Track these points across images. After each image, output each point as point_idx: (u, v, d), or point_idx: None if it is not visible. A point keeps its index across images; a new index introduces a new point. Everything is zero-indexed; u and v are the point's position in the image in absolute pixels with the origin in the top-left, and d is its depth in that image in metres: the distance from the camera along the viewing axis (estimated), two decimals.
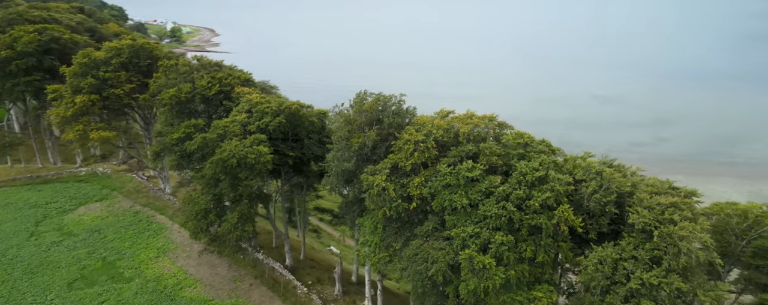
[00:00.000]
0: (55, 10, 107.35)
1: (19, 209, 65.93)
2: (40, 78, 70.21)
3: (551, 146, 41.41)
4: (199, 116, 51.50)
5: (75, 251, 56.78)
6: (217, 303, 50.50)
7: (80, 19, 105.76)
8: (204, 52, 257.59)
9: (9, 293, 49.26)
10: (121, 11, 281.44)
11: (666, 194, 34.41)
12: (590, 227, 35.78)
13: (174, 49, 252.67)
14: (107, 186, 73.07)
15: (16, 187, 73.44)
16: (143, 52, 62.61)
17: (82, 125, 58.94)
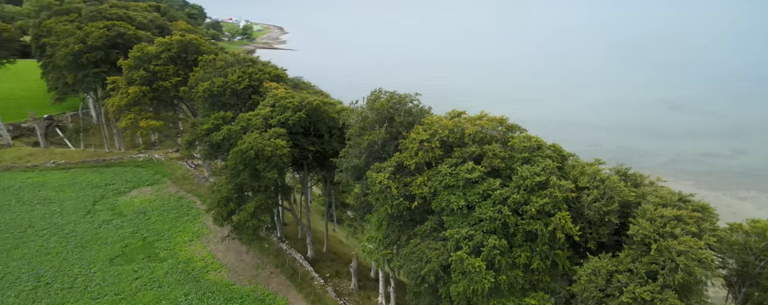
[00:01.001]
0: (133, 8, 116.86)
1: (83, 189, 72.91)
2: (106, 70, 77.24)
3: (562, 151, 39.73)
4: (229, 108, 54.41)
5: (121, 230, 62.01)
6: (237, 287, 53.16)
7: (153, 17, 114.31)
8: (271, 49, 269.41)
9: (61, 263, 54.78)
10: (201, 10, 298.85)
11: (673, 207, 31.92)
12: (590, 236, 34.02)
13: (244, 45, 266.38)
14: (159, 172, 78.90)
15: (84, 168, 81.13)
16: (191, 47, 67.10)
17: (134, 114, 64.28)
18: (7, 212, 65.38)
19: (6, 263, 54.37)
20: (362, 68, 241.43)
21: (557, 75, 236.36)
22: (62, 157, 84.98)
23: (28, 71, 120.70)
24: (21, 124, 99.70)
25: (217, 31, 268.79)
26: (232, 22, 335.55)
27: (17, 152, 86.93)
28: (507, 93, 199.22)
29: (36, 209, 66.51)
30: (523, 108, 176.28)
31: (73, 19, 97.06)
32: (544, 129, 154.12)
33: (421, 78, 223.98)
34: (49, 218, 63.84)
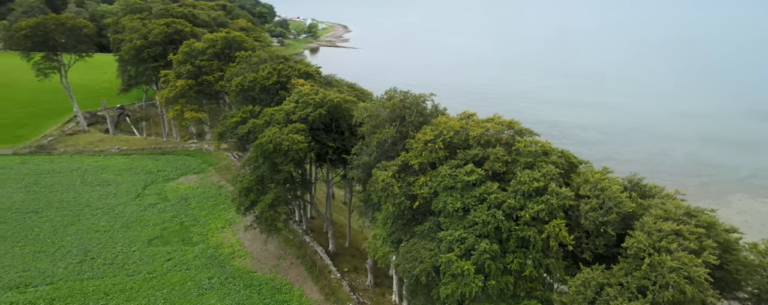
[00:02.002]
0: (200, 7, 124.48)
1: (137, 174, 79.10)
2: (163, 64, 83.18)
3: (571, 158, 37.91)
4: (258, 103, 56.82)
5: (163, 213, 66.69)
6: (258, 275, 55.54)
7: (216, 15, 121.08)
8: (334, 46, 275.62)
9: (106, 241, 59.96)
10: (271, 9, 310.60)
11: (675, 221, 29.51)
12: (585, 246, 32.30)
13: (308, 43, 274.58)
14: (206, 161, 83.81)
15: (142, 155, 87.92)
16: (234, 43, 70.72)
17: (180, 105, 68.84)
18: (72, 191, 72.38)
19: (62, 237, 60.32)
20: (421, 67, 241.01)
21: (617, 79, 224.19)
22: (126, 143, 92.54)
23: (108, 65, 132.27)
24: (96, 112, 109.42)
25: (284, 29, 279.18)
26: (299, 20, 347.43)
27: (90, 137, 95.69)
28: (567, 97, 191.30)
29: (95, 190, 73.10)
30: (586, 113, 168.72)
31: (144, 16, 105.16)
32: (606, 137, 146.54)
33: (478, 78, 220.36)
34: (104, 199, 69.96)
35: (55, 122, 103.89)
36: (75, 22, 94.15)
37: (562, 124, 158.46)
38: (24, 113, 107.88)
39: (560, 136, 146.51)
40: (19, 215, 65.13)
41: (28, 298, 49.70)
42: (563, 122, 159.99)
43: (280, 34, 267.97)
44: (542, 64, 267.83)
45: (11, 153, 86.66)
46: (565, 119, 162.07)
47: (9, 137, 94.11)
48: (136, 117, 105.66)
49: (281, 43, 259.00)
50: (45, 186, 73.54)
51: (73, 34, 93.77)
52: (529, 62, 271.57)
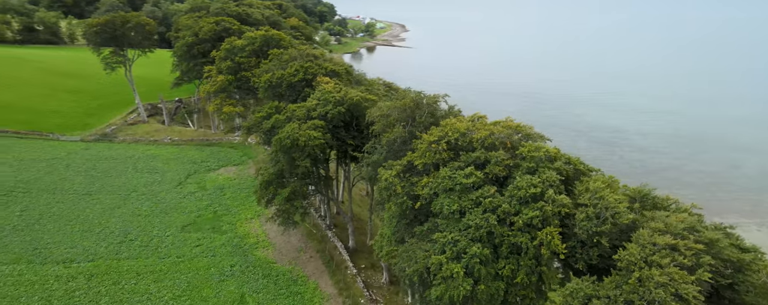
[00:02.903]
0: (256, 6, 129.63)
1: (183, 164, 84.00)
2: (210, 60, 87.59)
3: (578, 165, 36.16)
4: (284, 99, 58.62)
5: (199, 202, 70.46)
6: (277, 266, 57.42)
7: (269, 14, 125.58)
8: (389, 46, 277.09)
9: (145, 224, 64.29)
10: (332, 8, 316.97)
11: (674, 236, 27.51)
12: (579, 256, 30.77)
13: (365, 42, 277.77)
14: (247, 154, 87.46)
15: (190, 146, 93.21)
16: (272, 41, 73.25)
17: (220, 99, 72.37)
18: (123, 176, 78.14)
19: (108, 219, 65.37)
20: (476, 68, 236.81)
21: (678, 83, 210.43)
22: (178, 134, 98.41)
23: (169, 60, 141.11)
24: (157, 104, 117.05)
25: (342, 28, 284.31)
26: (358, 19, 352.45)
27: (147, 128, 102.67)
28: (625, 102, 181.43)
29: (144, 176, 78.47)
30: (649, 120, 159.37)
31: (202, 15, 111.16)
32: (669, 146, 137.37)
33: (535, 81, 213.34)
34: (149, 186, 74.96)
35: (120, 112, 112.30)
36: (139, 20, 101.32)
37: (623, 131, 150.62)
38: (95, 103, 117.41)
39: (621, 143, 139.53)
40: (76, 196, 71.21)
41: (71, 273, 54.39)
42: (624, 129, 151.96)
43: (338, 33, 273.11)
44: (607, 66, 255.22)
45: (79, 140, 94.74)
46: (626, 126, 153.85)
47: (79, 125, 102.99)
48: (190, 110, 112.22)
49: (338, 41, 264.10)
50: (101, 171, 79.88)
51: (138, 31, 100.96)
52: (594, 64, 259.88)
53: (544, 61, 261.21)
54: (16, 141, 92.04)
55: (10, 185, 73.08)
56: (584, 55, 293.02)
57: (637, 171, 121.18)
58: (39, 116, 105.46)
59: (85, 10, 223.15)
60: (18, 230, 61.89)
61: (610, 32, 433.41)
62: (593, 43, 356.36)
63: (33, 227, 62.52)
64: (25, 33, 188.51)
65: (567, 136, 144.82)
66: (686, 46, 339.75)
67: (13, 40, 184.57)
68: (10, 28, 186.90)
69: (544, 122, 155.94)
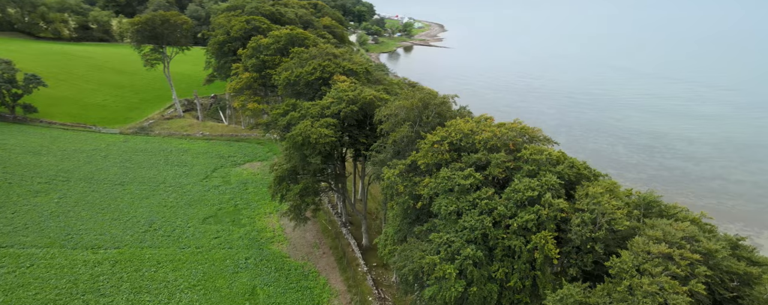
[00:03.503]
0: (291, 5, 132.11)
1: (211, 158, 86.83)
2: (239, 58, 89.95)
3: (581, 169, 34.94)
4: (302, 96, 59.56)
5: (222, 195, 72.65)
6: (290, 260, 58.49)
7: (302, 13, 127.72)
8: (426, 46, 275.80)
9: (169, 215, 66.90)
10: (371, 7, 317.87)
11: (671, 245, 26.21)
12: (573, 261, 29.80)
13: (402, 42, 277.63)
14: (272, 150, 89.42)
15: (220, 141, 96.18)
16: (297, 40, 74.53)
17: (245, 96, 74.36)
18: (154, 169, 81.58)
19: (136, 209, 68.43)
20: (513, 69, 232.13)
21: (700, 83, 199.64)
22: (209, 129, 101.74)
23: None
24: (193, 100, 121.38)
25: (380, 27, 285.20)
26: (396, 19, 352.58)
27: (182, 122, 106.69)
28: (677, 105, 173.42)
29: (173, 169, 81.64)
30: (696, 125, 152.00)
31: (238, 14, 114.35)
32: (717, 152, 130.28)
33: (577, 82, 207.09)
34: (177, 178, 77.92)
35: (159, 107, 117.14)
36: (177, 19, 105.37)
37: (666, 136, 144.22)
38: (137, 98, 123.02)
39: (663, 149, 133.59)
40: (109, 186, 74.94)
41: (97, 258, 57.35)
42: (667, 133, 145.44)
43: (376, 33, 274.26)
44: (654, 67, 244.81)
45: (118, 132, 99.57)
46: (670, 131, 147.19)
47: (121, 119, 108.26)
48: (222, 106, 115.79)
49: (375, 41, 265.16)
50: (135, 163, 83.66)
51: (175, 29, 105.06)
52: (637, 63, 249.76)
53: (586, 62, 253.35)
54: (63, 132, 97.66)
55: (52, 173, 77.67)
56: (628, 53, 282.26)
57: (677, 179, 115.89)
58: (86, 109, 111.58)
59: (136, 9, 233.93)
60: (55, 216, 65.70)
61: (653, 29, 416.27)
62: (636, 40, 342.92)
63: (68, 213, 66.23)
64: (81, 31, 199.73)
65: (606, 141, 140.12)
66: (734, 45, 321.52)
67: (69, 37, 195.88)
68: (67, 26, 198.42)
69: (582, 125, 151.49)
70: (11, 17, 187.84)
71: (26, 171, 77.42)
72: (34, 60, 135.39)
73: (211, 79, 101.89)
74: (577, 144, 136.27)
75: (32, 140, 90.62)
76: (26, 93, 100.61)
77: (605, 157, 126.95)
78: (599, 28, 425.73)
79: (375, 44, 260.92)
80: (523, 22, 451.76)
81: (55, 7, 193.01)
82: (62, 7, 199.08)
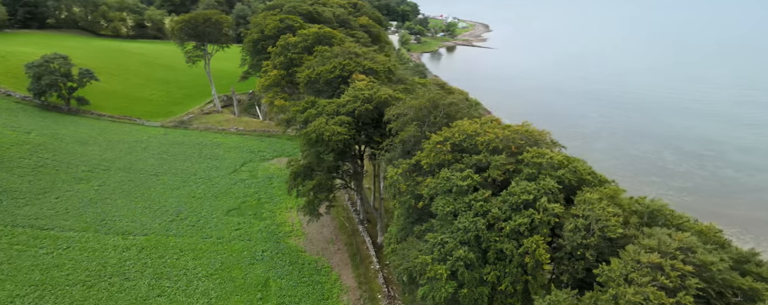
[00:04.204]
0: (330, 4, 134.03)
1: (242, 152, 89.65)
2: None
3: (585, 175, 33.65)
4: (322, 94, 60.42)
5: (247, 189, 74.90)
6: (305, 255, 59.62)
7: (340, 13, 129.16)
8: (469, 46, 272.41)
9: (196, 206, 69.70)
10: (415, 7, 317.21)
11: (664, 255, 24.87)
12: (564, 268, 28.80)
13: (445, 41, 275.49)
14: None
15: (253, 136, 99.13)
16: (324, 39, 75.62)
17: (273, 93, 76.28)
18: (187, 161, 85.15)
19: (167, 198, 71.71)
20: (558, 70, 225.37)
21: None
22: (244, 125, 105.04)
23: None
24: (231, 96, 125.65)
25: (423, 27, 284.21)
26: (441, 18, 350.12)
27: (219, 117, 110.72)
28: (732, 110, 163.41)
29: (205, 162, 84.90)
30: (757, 133, 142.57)
31: (276, 13, 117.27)
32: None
33: (627, 85, 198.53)
34: (208, 171, 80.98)
35: (199, 102, 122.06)
36: (218, 17, 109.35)
37: (718, 143, 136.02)
38: (180, 93, 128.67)
39: (714, 158, 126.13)
40: (145, 176, 78.87)
41: (126, 244, 60.59)
42: (721, 141, 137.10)
43: (419, 32, 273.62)
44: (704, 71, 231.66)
45: (159, 125, 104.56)
46: (723, 139, 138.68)
47: (164, 112, 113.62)
48: (258, 102, 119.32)
49: (418, 40, 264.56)
50: (171, 155, 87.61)
51: (216, 27, 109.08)
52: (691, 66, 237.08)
53: (636, 65, 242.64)
54: (110, 124, 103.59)
55: (95, 162, 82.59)
56: (680, 56, 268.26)
57: (728, 190, 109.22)
58: (133, 102, 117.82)
59: (190, 8, 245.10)
60: (93, 202, 69.88)
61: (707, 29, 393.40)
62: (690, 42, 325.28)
63: (105, 200, 70.28)
64: (137, 29, 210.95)
65: (651, 147, 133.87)
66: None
67: (126, 34, 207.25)
68: (125, 25, 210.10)
69: (627, 129, 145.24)
70: (76, 16, 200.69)
71: (73, 159, 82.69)
72: (92, 56, 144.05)
73: (247, 76, 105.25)
74: (619, 149, 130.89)
75: (82, 130, 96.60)
76: (80, 86, 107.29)
77: (649, 163, 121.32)
78: (636, 29, 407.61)
79: (417, 44, 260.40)
80: (568, 22, 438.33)
81: (115, 6, 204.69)
82: (121, 6, 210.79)
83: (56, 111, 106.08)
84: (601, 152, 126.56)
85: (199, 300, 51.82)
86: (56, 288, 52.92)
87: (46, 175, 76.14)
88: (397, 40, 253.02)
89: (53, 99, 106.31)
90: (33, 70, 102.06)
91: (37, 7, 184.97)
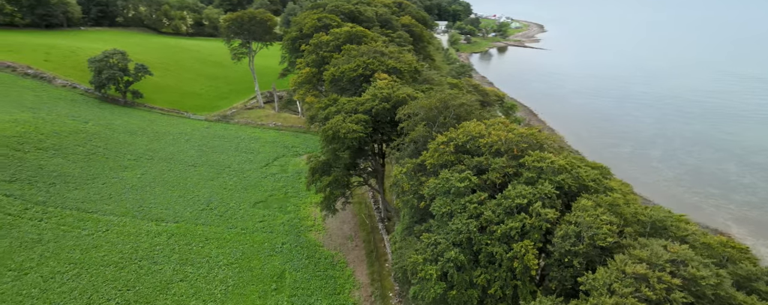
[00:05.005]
0: (374, 4, 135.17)
1: (276, 147, 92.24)
2: None
3: (587, 181, 32.14)
4: (345, 92, 61.08)
5: (276, 182, 76.98)
6: (322, 249, 60.59)
7: (382, 12, 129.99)
8: (521, 46, 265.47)
9: (226, 197, 72.49)
10: (467, 7, 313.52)
11: (651, 266, 23.42)
12: (553, 274, 27.69)
13: (495, 42, 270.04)
14: None
15: (289, 132, 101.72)
16: (355, 38, 76.32)
17: (304, 90, 77.94)
18: (223, 153, 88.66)
19: (200, 189, 75.07)
20: (621, 74, 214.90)
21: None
22: (282, 121, 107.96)
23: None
24: (272, 92, 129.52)
25: (474, 27, 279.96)
26: (494, 18, 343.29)
27: (260, 113, 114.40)
28: None
29: (241, 155, 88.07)
30: None
31: (317, 12, 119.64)
32: None
33: (687, 92, 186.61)
34: (241, 164, 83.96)
35: (244, 98, 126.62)
36: (263, 16, 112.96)
37: None
38: (227, 88, 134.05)
39: None
40: (184, 167, 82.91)
41: (158, 230, 64.02)
42: None
43: (469, 32, 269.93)
44: None
45: (204, 119, 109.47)
46: None
47: (210, 106, 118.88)
48: (289, 99, 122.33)
49: (468, 40, 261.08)
50: (210, 147, 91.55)
51: (260, 26, 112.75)
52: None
53: (701, 69, 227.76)
54: (160, 116, 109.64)
55: (141, 152, 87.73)
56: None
57: None
58: (183, 96, 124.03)
59: (246, 7, 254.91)
60: (134, 189, 74.30)
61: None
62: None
63: (145, 188, 74.54)
64: (196, 27, 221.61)
65: (711, 156, 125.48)
66: None
67: (186, 32, 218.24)
68: (185, 23, 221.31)
69: (685, 137, 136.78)
70: (142, 14, 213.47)
71: (121, 148, 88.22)
72: (151, 52, 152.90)
73: (285, 73, 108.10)
74: (674, 158, 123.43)
75: (133, 121, 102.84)
76: (135, 81, 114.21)
77: (708, 174, 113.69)
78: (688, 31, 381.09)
79: (467, 44, 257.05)
80: (627, 24, 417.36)
81: (176, 5, 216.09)
82: (182, 5, 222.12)
83: (113, 103, 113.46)
84: (656, 159, 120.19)
85: (218, 287, 53.98)
86: (92, 267, 56.74)
87: (96, 162, 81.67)
88: (446, 40, 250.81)
89: (111, 92, 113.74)
90: (94, 65, 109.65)
91: (108, 6, 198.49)
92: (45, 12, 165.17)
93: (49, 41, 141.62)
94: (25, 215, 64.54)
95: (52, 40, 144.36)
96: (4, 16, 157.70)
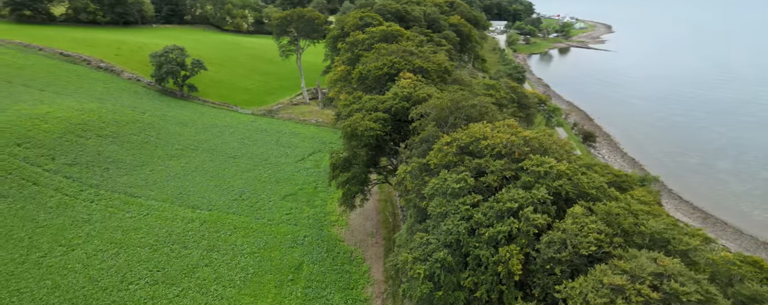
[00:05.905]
0: (423, 3, 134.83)
1: (313, 143, 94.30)
2: None
3: (587, 188, 30.53)
4: (371, 90, 61.37)
5: (308, 177, 78.75)
6: (342, 244, 61.36)
7: (430, 11, 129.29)
8: (584, 47, 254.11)
9: (259, 189, 75.07)
10: (529, 6, 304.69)
11: (632, 278, 21.89)
12: (537, 280, 26.53)
13: (556, 43, 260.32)
14: None
15: (329, 128, 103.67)
16: (390, 37, 76.37)
17: (339, 87, 79.10)
18: (264, 147, 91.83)
19: (236, 180, 78.24)
20: (692, 79, 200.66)
21: None
22: (324, 117, 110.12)
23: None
24: (316, 89, 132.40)
25: (534, 27, 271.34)
26: (557, 18, 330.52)
27: (303, 109, 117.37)
28: None
29: (279, 149, 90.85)
30: None
31: (365, 11, 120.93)
32: None
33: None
34: (278, 157, 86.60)
35: (291, 94, 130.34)
36: (311, 15, 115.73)
37: None
38: (276, 84, 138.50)
39: None
40: (225, 158, 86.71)
41: (192, 216, 67.45)
42: None
43: (529, 32, 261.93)
44: None
45: (250, 113, 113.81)
46: None
47: (257, 101, 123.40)
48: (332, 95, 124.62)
49: (527, 41, 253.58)
50: (252, 140, 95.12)
51: (308, 24, 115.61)
52: None
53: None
54: (210, 109, 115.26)
55: (188, 143, 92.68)
56: None
57: None
58: (234, 91, 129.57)
59: (305, 6, 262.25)
60: (177, 177, 78.67)
61: None
62: None
63: (186, 177, 78.73)
64: (256, 25, 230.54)
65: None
66: None
67: (246, 30, 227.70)
68: (246, 21, 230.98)
69: (762, 150, 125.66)
70: (207, 13, 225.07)
71: (171, 138, 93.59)
72: (209, 48, 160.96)
73: (327, 70, 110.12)
74: (746, 172, 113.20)
75: (185, 113, 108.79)
76: (192, 75, 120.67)
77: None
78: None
79: (525, 45, 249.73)
80: (703, 24, 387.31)
81: (238, 4, 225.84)
82: (244, 4, 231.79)
83: (171, 96, 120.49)
84: (724, 171, 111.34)
85: (238, 274, 56.16)
86: (130, 247, 60.73)
87: (147, 150, 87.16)
88: (504, 41, 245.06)
89: (170, 85, 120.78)
90: (155, 60, 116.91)
91: (178, 5, 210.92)
92: (123, 10, 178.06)
93: (121, 37, 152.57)
94: (80, 196, 69.98)
95: (124, 37, 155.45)
96: (87, 14, 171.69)
